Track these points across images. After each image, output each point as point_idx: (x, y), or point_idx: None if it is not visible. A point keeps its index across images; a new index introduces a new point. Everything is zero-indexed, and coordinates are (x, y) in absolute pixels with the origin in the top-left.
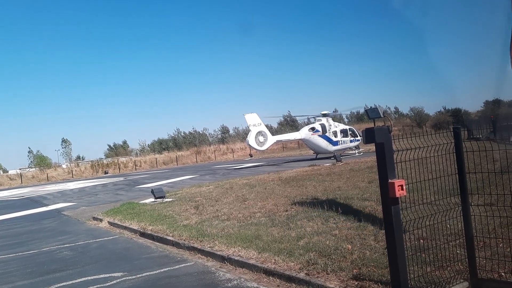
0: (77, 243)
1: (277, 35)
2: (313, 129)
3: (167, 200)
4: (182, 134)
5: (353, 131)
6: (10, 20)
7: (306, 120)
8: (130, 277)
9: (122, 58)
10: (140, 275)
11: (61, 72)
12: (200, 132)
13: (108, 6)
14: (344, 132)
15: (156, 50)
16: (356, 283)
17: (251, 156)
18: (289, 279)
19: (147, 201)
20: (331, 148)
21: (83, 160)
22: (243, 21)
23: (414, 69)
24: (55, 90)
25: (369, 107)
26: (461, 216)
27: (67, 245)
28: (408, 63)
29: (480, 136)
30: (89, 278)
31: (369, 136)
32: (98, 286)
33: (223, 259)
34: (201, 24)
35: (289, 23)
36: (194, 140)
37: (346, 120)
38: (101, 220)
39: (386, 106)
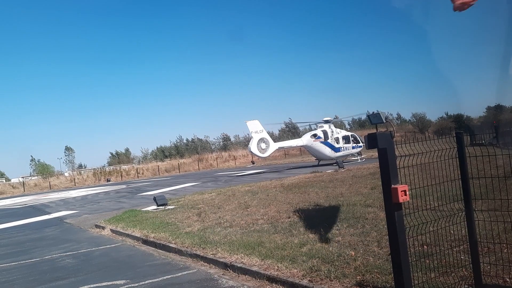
0: (79, 251)
1: (277, 42)
2: (315, 135)
3: (169, 207)
4: (184, 141)
5: (355, 137)
6: (11, 26)
7: (307, 127)
8: (133, 285)
9: (123, 66)
10: (143, 283)
11: (63, 80)
12: (202, 139)
13: (111, 15)
14: (346, 139)
15: (158, 59)
16: None
17: (253, 163)
18: (292, 286)
19: (150, 208)
20: (333, 154)
21: (85, 168)
22: (244, 29)
23: (416, 75)
24: (57, 98)
25: (371, 113)
26: (465, 222)
27: (70, 253)
28: (410, 69)
29: (483, 141)
30: (92, 286)
31: (371, 141)
32: None
33: (225, 266)
34: (202, 32)
35: (290, 30)
36: (196, 148)
37: (348, 126)
38: (103, 227)
39: (388, 112)
